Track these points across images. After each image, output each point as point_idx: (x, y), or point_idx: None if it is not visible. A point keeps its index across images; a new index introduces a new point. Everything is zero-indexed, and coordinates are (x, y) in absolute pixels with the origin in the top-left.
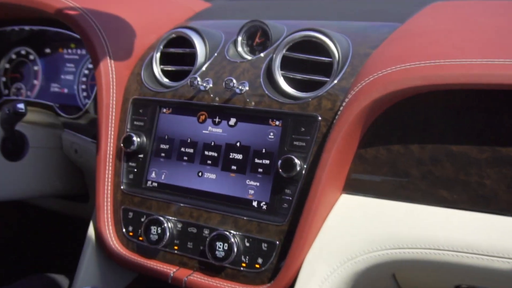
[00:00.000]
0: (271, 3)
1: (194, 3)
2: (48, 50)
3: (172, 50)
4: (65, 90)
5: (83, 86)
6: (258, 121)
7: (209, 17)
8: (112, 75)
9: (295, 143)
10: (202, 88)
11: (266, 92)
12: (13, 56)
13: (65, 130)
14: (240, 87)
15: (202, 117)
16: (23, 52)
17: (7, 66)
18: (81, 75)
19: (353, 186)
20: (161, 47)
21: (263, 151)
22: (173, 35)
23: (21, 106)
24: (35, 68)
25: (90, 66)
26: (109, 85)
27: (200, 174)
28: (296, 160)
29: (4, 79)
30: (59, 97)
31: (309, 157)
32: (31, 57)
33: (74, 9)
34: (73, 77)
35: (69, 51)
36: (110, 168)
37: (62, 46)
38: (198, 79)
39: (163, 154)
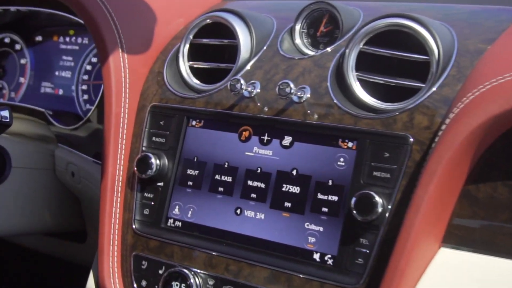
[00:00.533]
0: None
1: None
2: (39, 38)
3: (205, 41)
4: (60, 92)
5: (84, 87)
6: (323, 142)
7: None
8: (124, 73)
9: (375, 173)
10: (246, 94)
11: (335, 101)
12: None
13: (59, 145)
14: (298, 93)
15: (245, 134)
16: (6, 40)
17: None
18: (81, 72)
19: (458, 237)
20: (191, 37)
21: (330, 183)
22: (207, 21)
23: (4, 113)
24: (22, 61)
25: (94, 59)
26: (121, 87)
27: (239, 211)
28: (377, 198)
29: None
30: (52, 101)
31: (395, 194)
32: (17, 46)
33: None
34: (71, 74)
35: (67, 39)
36: (119, 199)
37: (57, 32)
38: (242, 81)
39: (190, 183)
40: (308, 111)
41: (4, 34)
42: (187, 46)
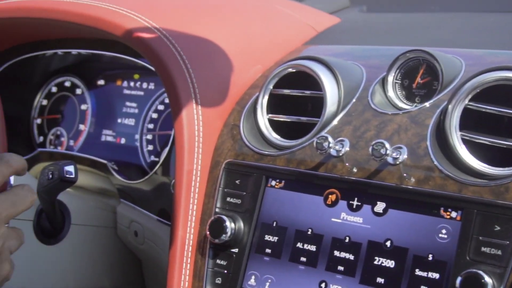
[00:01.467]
0: (431, 18)
1: (316, 19)
2: (101, 82)
3: (286, 92)
4: (123, 141)
5: (149, 137)
6: (422, 210)
7: (339, 41)
8: (198, 126)
9: (484, 249)
10: (333, 152)
11: (436, 164)
12: (54, 89)
13: (121, 201)
14: (393, 154)
15: (332, 198)
16: (67, 83)
17: (44, 102)
18: (146, 120)
19: None
20: (270, 86)
21: (430, 258)
22: (289, 70)
23: (70, 169)
24: (83, 107)
25: (161, 107)
26: (193, 142)
27: (324, 286)
28: (487, 279)
29: (39, 121)
30: (113, 151)
31: (507, 274)
32: (78, 91)
33: (148, 30)
34: (134, 122)
35: (131, 84)
36: (189, 265)
37: (121, 76)
38: (329, 138)
39: (268, 251)
40: (405, 174)
41: (65, 78)
42: (266, 97)
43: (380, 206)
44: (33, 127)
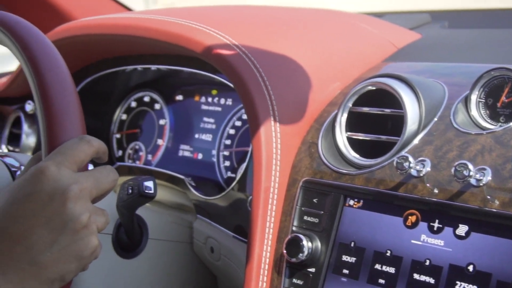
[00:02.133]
0: None
1: (396, 35)
2: (179, 97)
3: (365, 110)
4: (200, 156)
5: (226, 153)
6: (507, 234)
7: (420, 57)
8: (276, 144)
9: None
10: (413, 173)
11: None
12: (133, 104)
13: (198, 216)
14: (477, 176)
15: (412, 219)
16: (146, 98)
17: (124, 117)
18: (224, 136)
19: None
20: (349, 104)
21: None
22: (369, 88)
23: (149, 184)
24: (161, 122)
25: (238, 123)
26: (271, 159)
27: None
28: None
29: (118, 135)
30: (190, 166)
31: None
32: (157, 106)
33: (227, 47)
34: (211, 138)
35: (209, 99)
36: (264, 284)
37: (198, 92)
38: (410, 158)
39: (346, 271)
40: (488, 197)
41: (144, 93)
42: (345, 115)
43: (462, 229)
44: (113, 142)
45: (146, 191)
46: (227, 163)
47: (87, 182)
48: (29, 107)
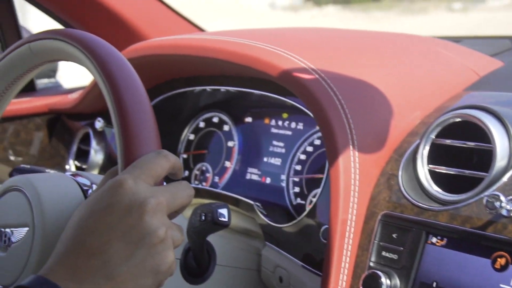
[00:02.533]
0: None
1: (477, 62)
2: (249, 119)
3: (448, 142)
4: (268, 180)
5: (296, 179)
6: None
7: (504, 87)
8: (354, 174)
9: None
10: (504, 213)
11: None
12: (201, 124)
13: (266, 244)
14: None
15: (501, 262)
16: (215, 119)
17: (192, 137)
18: (294, 161)
19: None
20: (432, 136)
21: None
22: (455, 119)
23: (223, 212)
24: (230, 143)
25: (310, 148)
26: (349, 191)
27: None
28: None
29: (185, 156)
30: (258, 190)
31: None
32: (226, 127)
33: (305, 71)
34: (281, 162)
35: (279, 123)
36: None
37: (268, 114)
38: (502, 197)
39: None
40: None
41: (213, 113)
42: (428, 147)
43: None
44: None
45: (220, 219)
46: (297, 189)
47: (163, 196)
48: (98, 124)
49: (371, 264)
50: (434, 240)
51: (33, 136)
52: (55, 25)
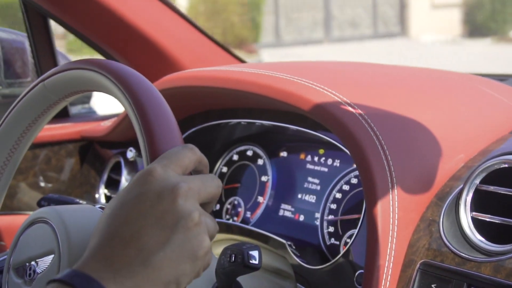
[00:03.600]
0: None
1: None
2: (284, 154)
3: (492, 189)
4: (301, 218)
5: (331, 217)
6: None
7: None
8: (393, 219)
9: None
10: None
11: None
12: (235, 157)
13: (297, 285)
14: None
15: None
16: (249, 152)
17: (224, 169)
18: (329, 200)
19: None
20: (477, 182)
21: None
22: (501, 165)
23: (254, 254)
24: (263, 178)
25: (346, 187)
26: (387, 236)
27: None
28: None
29: None
30: (290, 228)
31: None
32: (260, 161)
33: (342, 107)
34: (315, 200)
35: (315, 159)
36: None
37: (304, 150)
38: None
39: None
40: None
41: (247, 146)
42: (471, 194)
43: None
44: None
45: (251, 261)
46: (331, 229)
47: (194, 182)
48: (130, 154)
49: None
50: None
51: (64, 163)
52: (93, 54)
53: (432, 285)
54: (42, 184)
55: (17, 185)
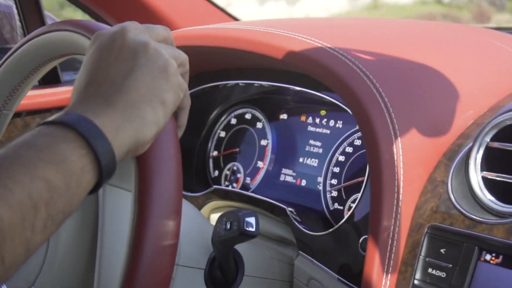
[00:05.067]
0: None
1: None
2: (284, 117)
3: (505, 145)
4: (303, 183)
5: (334, 181)
6: None
7: None
8: (398, 179)
9: None
10: None
11: None
12: (233, 121)
13: (300, 253)
14: None
15: None
16: (247, 116)
17: (222, 134)
18: (332, 163)
19: None
20: (487, 139)
21: None
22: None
23: (251, 221)
24: (263, 142)
25: (349, 150)
26: (392, 197)
27: None
28: None
29: (215, 153)
30: (292, 193)
31: None
32: (259, 124)
33: (342, 63)
34: (318, 163)
35: (316, 120)
36: None
37: (305, 111)
38: None
39: None
40: None
41: (246, 109)
42: (481, 151)
43: None
44: (209, 161)
45: (247, 228)
46: (335, 193)
47: (140, 25)
48: None
49: (416, 282)
50: (488, 257)
51: None
52: (82, 16)
53: (441, 250)
54: None
55: None
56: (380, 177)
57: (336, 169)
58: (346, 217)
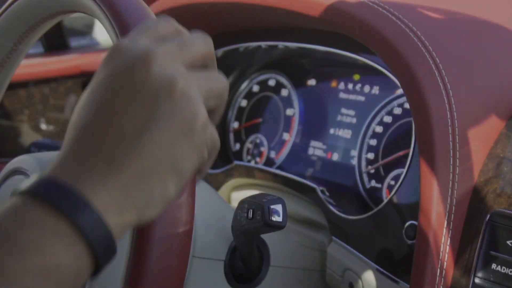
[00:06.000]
0: None
1: None
2: (312, 82)
3: None
4: (335, 157)
5: (370, 156)
6: None
7: None
8: (454, 156)
9: None
10: None
11: None
12: (255, 89)
13: (332, 238)
14: None
15: None
16: (271, 82)
17: (244, 103)
18: (368, 135)
19: None
20: None
21: None
22: None
23: (278, 208)
24: (288, 112)
25: (388, 119)
26: (446, 178)
27: None
28: None
29: (236, 124)
30: (322, 169)
31: None
32: (284, 92)
33: (386, 19)
34: (351, 135)
35: (349, 86)
36: None
37: (336, 76)
38: None
39: None
40: None
41: (269, 75)
42: None
43: None
44: (229, 133)
45: (273, 219)
46: (371, 170)
47: (170, 43)
48: None
49: (477, 280)
50: None
51: (63, 101)
52: None
53: (508, 242)
54: (44, 126)
55: (12, 128)
56: (431, 151)
57: (373, 142)
58: (387, 199)
